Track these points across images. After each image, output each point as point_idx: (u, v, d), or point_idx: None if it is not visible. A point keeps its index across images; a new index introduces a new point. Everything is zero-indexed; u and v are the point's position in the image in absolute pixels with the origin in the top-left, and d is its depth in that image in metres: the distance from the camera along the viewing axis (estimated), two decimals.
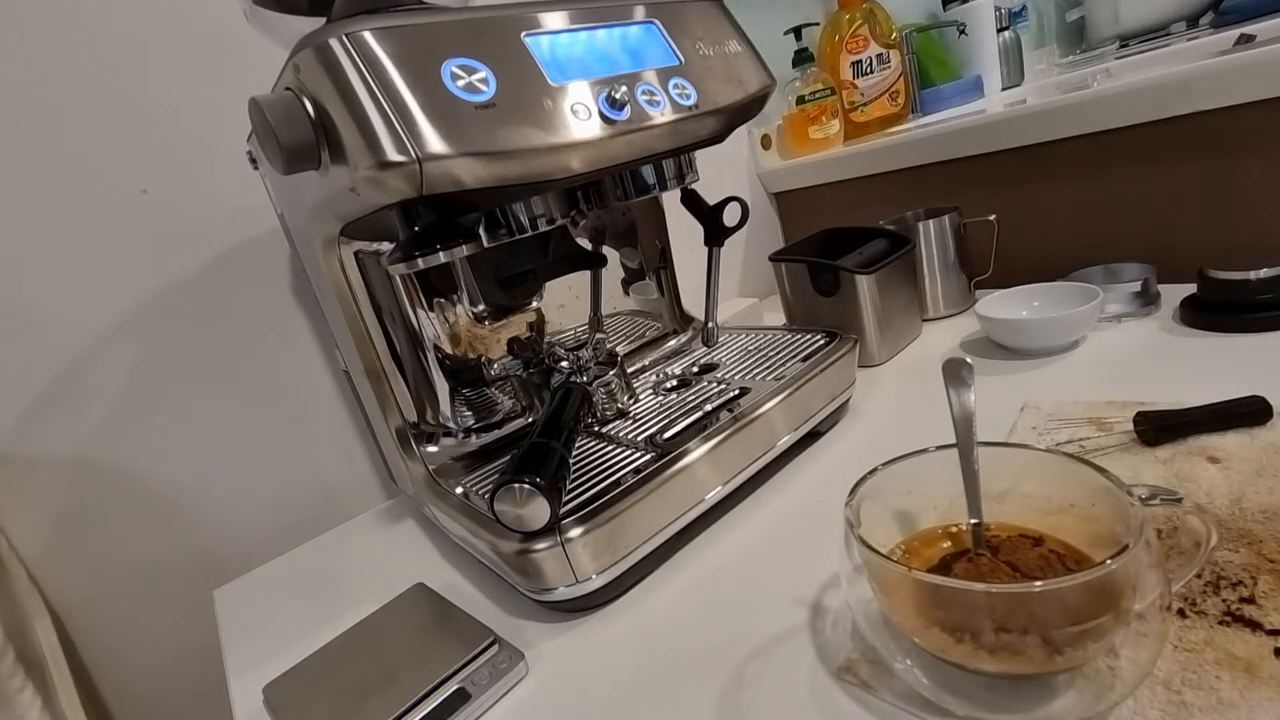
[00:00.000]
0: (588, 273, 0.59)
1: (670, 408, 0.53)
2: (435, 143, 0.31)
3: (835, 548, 0.29)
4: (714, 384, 0.56)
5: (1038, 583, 0.21)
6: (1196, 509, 0.28)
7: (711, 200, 0.53)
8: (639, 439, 0.49)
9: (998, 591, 0.22)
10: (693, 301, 0.66)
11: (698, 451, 0.45)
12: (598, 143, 0.36)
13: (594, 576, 0.40)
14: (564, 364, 0.55)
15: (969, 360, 0.30)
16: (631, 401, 0.56)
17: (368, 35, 0.31)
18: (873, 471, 0.30)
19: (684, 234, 0.58)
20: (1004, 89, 1.11)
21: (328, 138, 0.33)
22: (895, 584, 0.26)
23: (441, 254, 0.38)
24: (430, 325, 0.52)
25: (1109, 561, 0.21)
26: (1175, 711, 0.26)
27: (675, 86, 0.40)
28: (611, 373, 0.54)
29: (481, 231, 0.40)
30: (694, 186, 0.50)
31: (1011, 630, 0.23)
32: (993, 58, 1.08)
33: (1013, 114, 0.73)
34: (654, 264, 0.66)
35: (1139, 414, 0.43)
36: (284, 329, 0.66)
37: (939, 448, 0.31)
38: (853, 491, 0.29)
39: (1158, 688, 0.27)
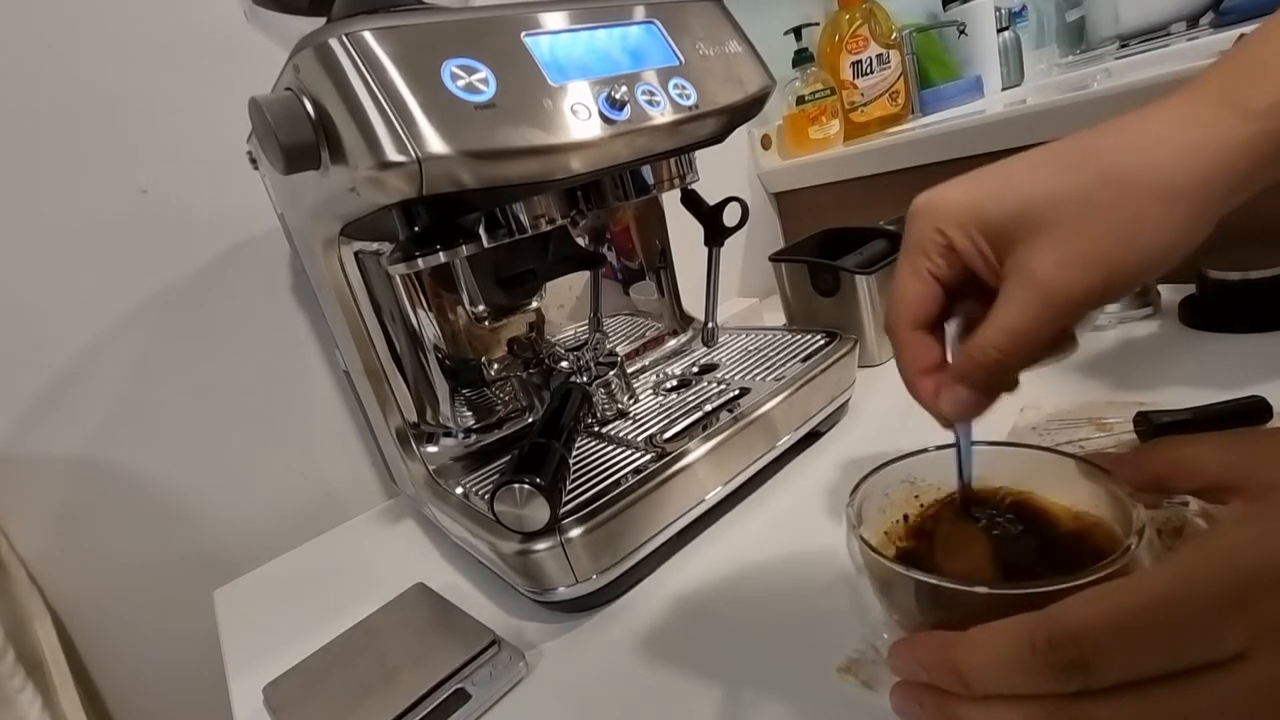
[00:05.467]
0: (587, 273, 0.59)
1: (670, 408, 0.53)
2: (435, 143, 0.31)
3: (835, 548, 0.29)
4: (714, 384, 0.55)
5: (1037, 585, 0.21)
6: (1201, 510, 0.27)
7: (711, 200, 0.53)
8: (639, 439, 0.49)
9: (996, 594, 0.22)
10: (693, 301, 0.66)
11: (698, 451, 0.45)
12: (598, 143, 0.36)
13: (594, 576, 0.40)
14: (564, 364, 0.55)
15: None
16: (631, 401, 0.56)
17: (368, 35, 0.31)
18: (874, 471, 0.30)
19: (684, 234, 0.58)
20: (1004, 89, 1.10)
21: (328, 138, 0.33)
22: (895, 583, 0.26)
23: (441, 254, 0.38)
24: (430, 325, 0.52)
25: (1112, 562, 0.21)
26: None
27: (675, 86, 0.40)
28: (611, 373, 0.54)
29: (481, 231, 0.40)
30: (694, 186, 0.50)
31: None
32: (993, 58, 1.08)
33: (1013, 114, 0.73)
34: (654, 264, 0.66)
35: (1139, 414, 0.43)
36: (284, 329, 0.66)
37: (939, 447, 0.31)
38: (854, 491, 0.29)
39: None
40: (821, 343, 0.57)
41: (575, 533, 0.39)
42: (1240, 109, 0.23)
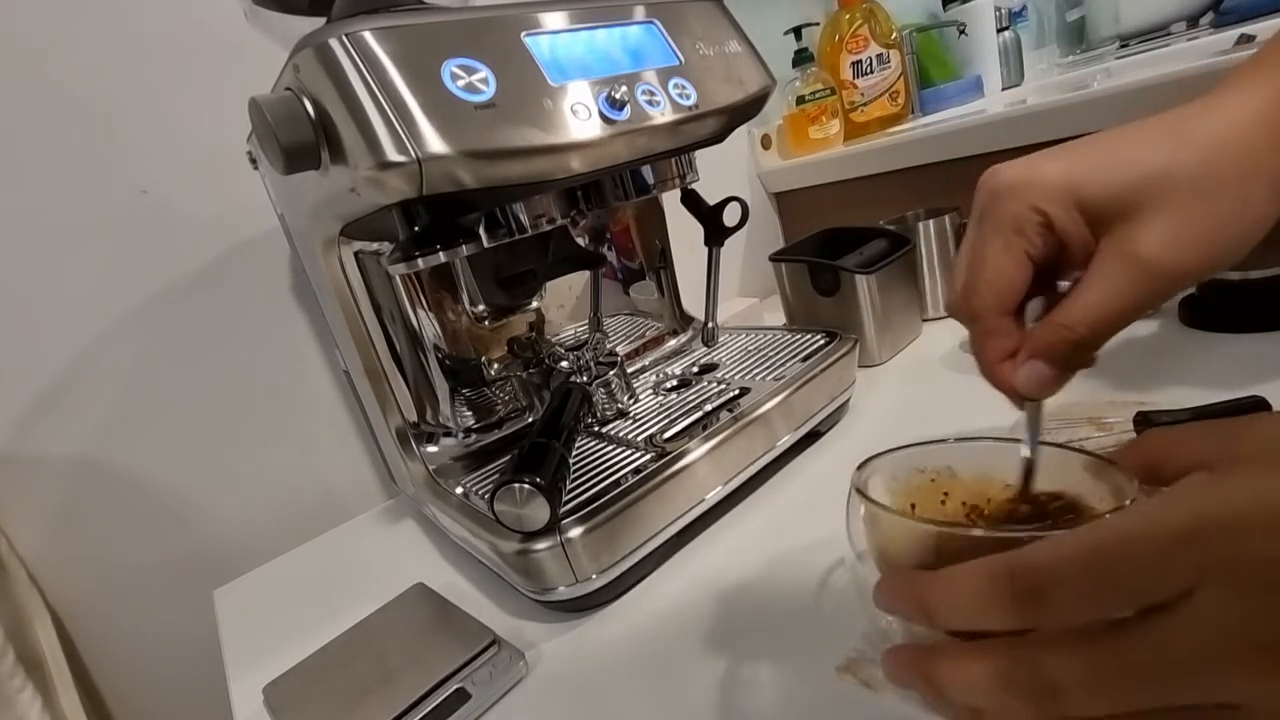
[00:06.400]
0: (587, 273, 0.59)
1: (670, 408, 0.53)
2: (435, 143, 0.31)
3: (835, 548, 0.29)
4: (714, 384, 0.56)
5: (1033, 529, 0.20)
6: None
7: (711, 200, 0.53)
8: (639, 439, 0.49)
9: (992, 536, 0.21)
10: (693, 301, 0.66)
11: (698, 451, 0.45)
12: (598, 143, 0.36)
13: (594, 576, 0.40)
14: (564, 364, 0.55)
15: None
16: (631, 401, 0.56)
17: (368, 35, 0.31)
18: (886, 451, 0.29)
19: (684, 234, 0.58)
20: (1004, 89, 1.10)
21: (328, 138, 0.33)
22: (893, 537, 0.25)
23: (441, 254, 0.38)
24: (430, 325, 0.52)
25: (1112, 513, 0.21)
26: None
27: (675, 86, 0.40)
28: (611, 373, 0.54)
29: (481, 231, 0.40)
30: (694, 186, 0.50)
31: None
32: (993, 58, 1.08)
33: (1013, 114, 0.73)
34: (654, 264, 0.66)
35: (1139, 414, 0.43)
36: (284, 329, 0.66)
37: (946, 439, 0.30)
38: (863, 465, 0.28)
39: None
40: (821, 342, 0.57)
41: (575, 532, 0.39)
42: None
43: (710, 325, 0.55)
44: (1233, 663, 0.16)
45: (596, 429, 0.53)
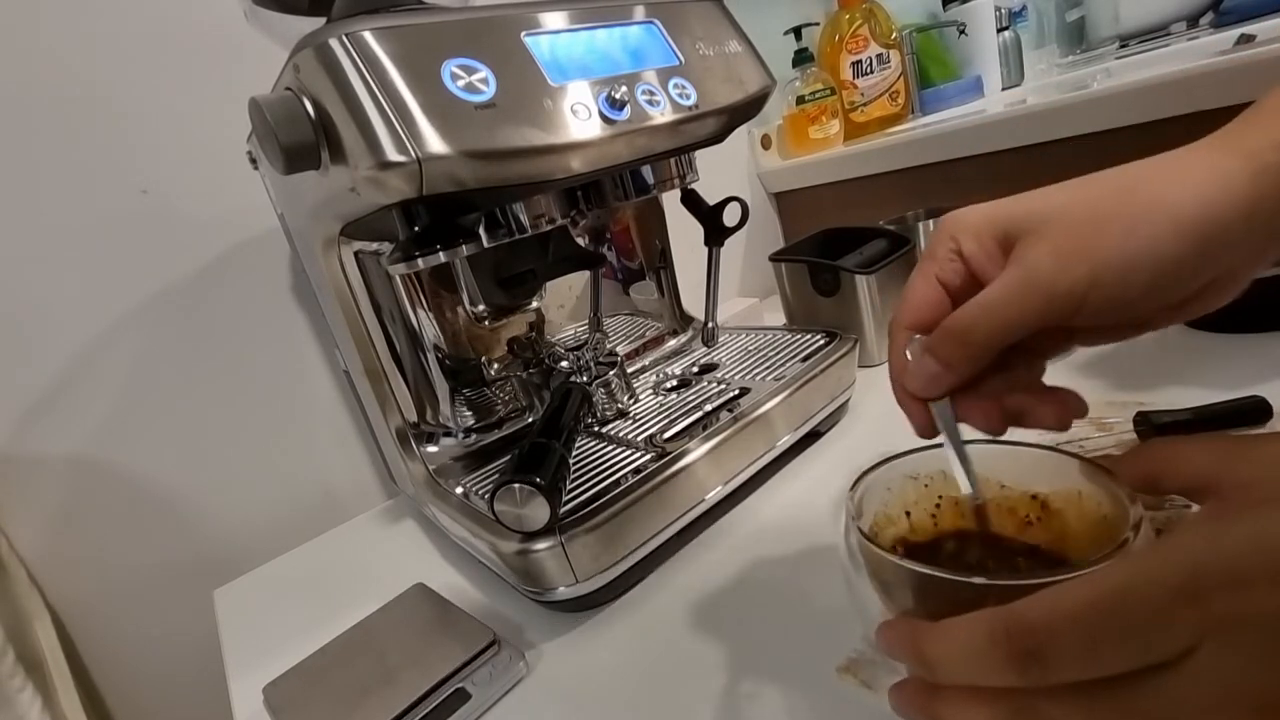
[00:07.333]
0: (587, 273, 0.59)
1: (670, 408, 0.53)
2: (435, 143, 0.31)
3: (835, 547, 0.29)
4: (714, 384, 0.55)
5: (1030, 578, 0.21)
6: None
7: (711, 200, 0.53)
8: (639, 439, 0.49)
9: (990, 584, 0.21)
10: (693, 301, 0.66)
11: (698, 451, 0.45)
12: (598, 143, 0.36)
13: (594, 576, 0.40)
14: (564, 364, 0.55)
15: None
16: (631, 401, 0.56)
17: (368, 35, 0.31)
18: (877, 465, 0.29)
19: (684, 234, 0.58)
20: (1004, 89, 1.10)
21: (328, 138, 0.33)
22: (891, 575, 0.25)
23: (441, 254, 0.38)
24: (430, 325, 0.52)
25: (1107, 557, 0.21)
26: None
27: (675, 86, 0.40)
28: (611, 373, 0.54)
29: (481, 231, 0.40)
30: (694, 186, 0.50)
31: None
32: (993, 58, 1.08)
33: (1013, 114, 0.73)
34: (654, 264, 0.66)
35: (1139, 414, 0.43)
36: (284, 329, 0.66)
37: (942, 445, 0.30)
38: (855, 484, 0.29)
39: None
40: (821, 342, 0.57)
41: (575, 533, 0.39)
42: (1240, 151, 0.24)
43: (710, 325, 0.55)
44: (1236, 718, 0.16)
45: (596, 429, 0.53)
